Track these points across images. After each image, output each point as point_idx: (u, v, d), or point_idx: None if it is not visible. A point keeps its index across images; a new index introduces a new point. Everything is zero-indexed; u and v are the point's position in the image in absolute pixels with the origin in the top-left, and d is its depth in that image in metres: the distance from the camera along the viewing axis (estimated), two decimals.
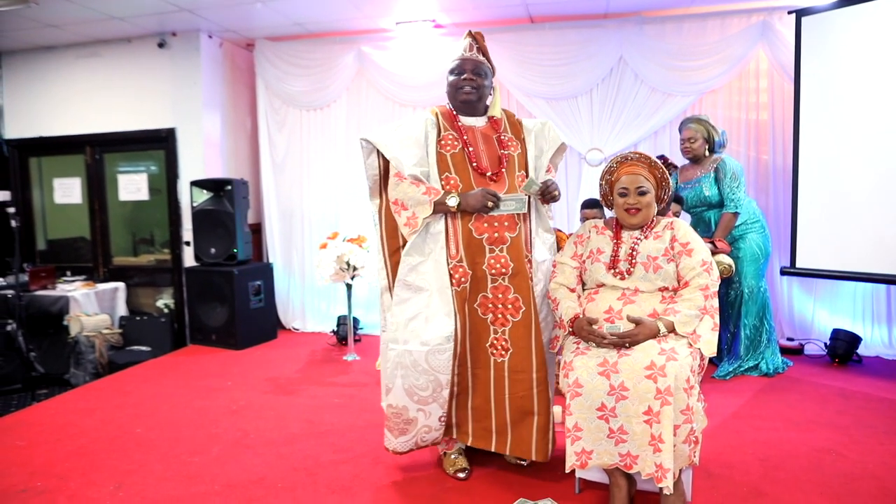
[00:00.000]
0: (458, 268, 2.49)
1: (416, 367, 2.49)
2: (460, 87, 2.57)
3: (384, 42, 5.26)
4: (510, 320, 2.52)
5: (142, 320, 5.20)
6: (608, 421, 2.18)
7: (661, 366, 2.13)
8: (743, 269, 4.03)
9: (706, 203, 4.05)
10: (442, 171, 2.51)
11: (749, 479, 2.61)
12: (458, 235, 2.49)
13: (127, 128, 5.39)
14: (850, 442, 2.97)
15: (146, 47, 5.24)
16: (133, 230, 5.91)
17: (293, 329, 5.62)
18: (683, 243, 2.41)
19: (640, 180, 2.43)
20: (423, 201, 2.44)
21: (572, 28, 4.89)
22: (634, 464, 2.16)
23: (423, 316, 2.49)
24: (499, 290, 2.51)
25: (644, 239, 2.44)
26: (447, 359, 2.48)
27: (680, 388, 2.11)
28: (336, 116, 5.45)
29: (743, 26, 4.64)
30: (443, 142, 2.53)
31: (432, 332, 2.47)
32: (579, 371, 2.23)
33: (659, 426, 2.09)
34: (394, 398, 2.54)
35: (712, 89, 4.75)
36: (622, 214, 2.48)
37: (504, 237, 2.49)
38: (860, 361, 4.29)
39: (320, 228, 5.41)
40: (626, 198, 2.45)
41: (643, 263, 2.39)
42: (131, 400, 3.77)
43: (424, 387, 2.51)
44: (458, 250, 2.49)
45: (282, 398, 3.77)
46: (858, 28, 3.94)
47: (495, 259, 2.49)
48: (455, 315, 2.48)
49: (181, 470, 2.78)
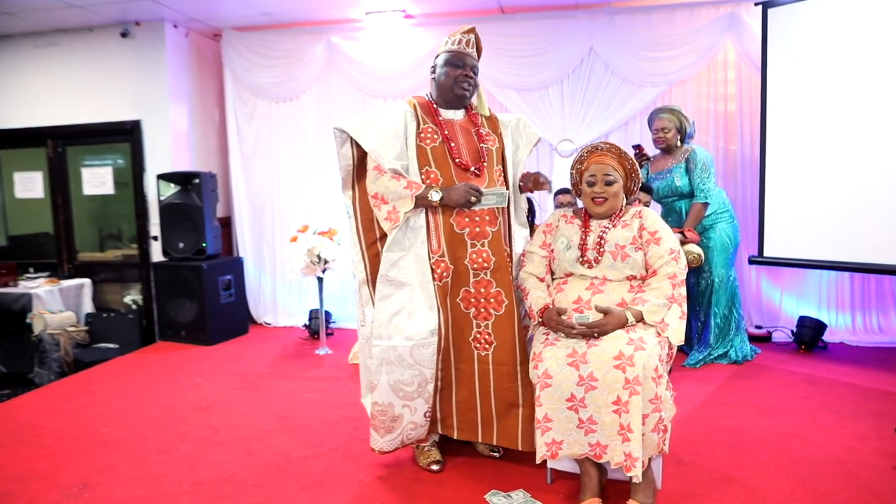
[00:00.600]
0: (439, 262, 2.47)
1: (402, 362, 2.46)
2: (459, 81, 2.53)
3: (354, 32, 5.20)
4: (493, 314, 2.52)
5: (109, 317, 5.09)
6: (577, 411, 2.19)
7: (629, 356, 2.13)
8: (713, 259, 4.07)
9: (677, 193, 4.08)
10: (422, 165, 2.48)
11: (718, 465, 2.64)
12: (440, 230, 2.47)
13: (90, 120, 5.25)
14: (815, 427, 3.02)
15: (108, 37, 5.10)
16: (99, 225, 5.78)
17: (265, 324, 5.55)
18: (651, 232, 2.41)
19: (608, 170, 2.44)
20: (405, 195, 2.40)
21: (543, 19, 4.88)
22: (604, 453, 2.17)
23: (406, 311, 2.46)
24: (481, 284, 2.51)
25: (612, 227, 2.44)
26: (431, 353, 2.47)
27: (648, 377, 2.12)
28: (306, 108, 5.37)
29: (711, 18, 4.68)
30: (422, 135, 2.50)
31: (416, 326, 2.45)
32: (549, 362, 2.23)
33: (627, 416, 2.10)
34: (379, 395, 2.51)
35: (681, 80, 4.79)
36: (589, 203, 2.48)
37: (486, 231, 2.49)
38: (825, 348, 4.38)
39: (291, 221, 5.33)
40: (594, 187, 2.45)
41: (611, 252, 2.39)
42: (97, 399, 3.68)
43: (410, 382, 2.49)
44: (440, 245, 2.47)
45: (252, 394, 3.72)
46: (823, 20, 3.99)
47: (477, 254, 2.49)
48: (438, 309, 2.47)
49: (148, 469, 2.73)
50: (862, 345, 4.47)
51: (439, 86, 2.58)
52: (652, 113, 4.24)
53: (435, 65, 2.61)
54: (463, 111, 2.63)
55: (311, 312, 5.09)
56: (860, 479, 2.49)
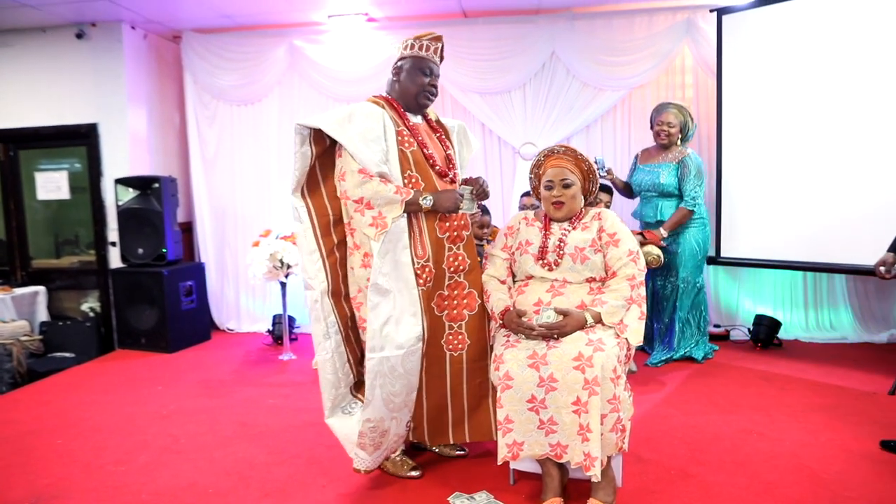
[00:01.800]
0: (425, 267, 2.45)
1: (394, 372, 2.41)
2: (426, 90, 2.51)
3: (316, 36, 5.17)
4: (466, 314, 2.55)
5: (65, 325, 4.96)
6: (538, 412, 2.21)
7: (588, 357, 2.17)
8: (682, 263, 4.12)
9: (658, 190, 4.10)
10: (404, 170, 2.42)
11: (677, 462, 2.70)
12: (425, 235, 2.45)
13: (44, 123, 5.11)
14: (770, 422, 3.11)
15: (63, 38, 4.98)
16: (55, 231, 5.62)
17: (228, 330, 5.48)
18: (611, 234, 2.45)
19: (565, 173, 2.47)
20: (394, 201, 2.34)
21: (505, 23, 4.93)
22: (564, 453, 2.20)
23: (393, 319, 2.39)
24: (454, 286, 2.54)
25: (572, 230, 2.48)
26: (418, 359, 2.46)
27: (607, 378, 2.16)
28: (268, 111, 5.32)
29: (669, 23, 4.78)
30: (399, 138, 2.44)
31: (404, 334, 2.40)
32: (509, 364, 2.25)
33: (587, 416, 2.13)
34: (373, 411, 2.42)
35: (641, 84, 4.88)
36: (548, 207, 2.51)
37: (462, 235, 2.54)
38: (780, 345, 4.50)
39: (254, 226, 5.27)
40: (552, 191, 2.48)
41: (571, 255, 2.42)
42: (52, 410, 3.59)
43: (399, 392, 2.45)
44: (426, 250, 2.46)
45: (215, 401, 3.67)
46: (775, 26, 4.13)
47: (454, 256, 2.51)
48: (422, 314, 2.44)
49: (105, 480, 2.67)
50: (814, 341, 4.61)
51: (403, 90, 2.53)
52: (659, 106, 4.22)
53: (400, 67, 2.53)
54: (420, 117, 2.63)
55: (275, 318, 5.03)
56: (811, 472, 2.57)
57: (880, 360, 4.05)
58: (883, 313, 4.66)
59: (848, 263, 3.94)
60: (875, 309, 4.66)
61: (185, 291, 4.95)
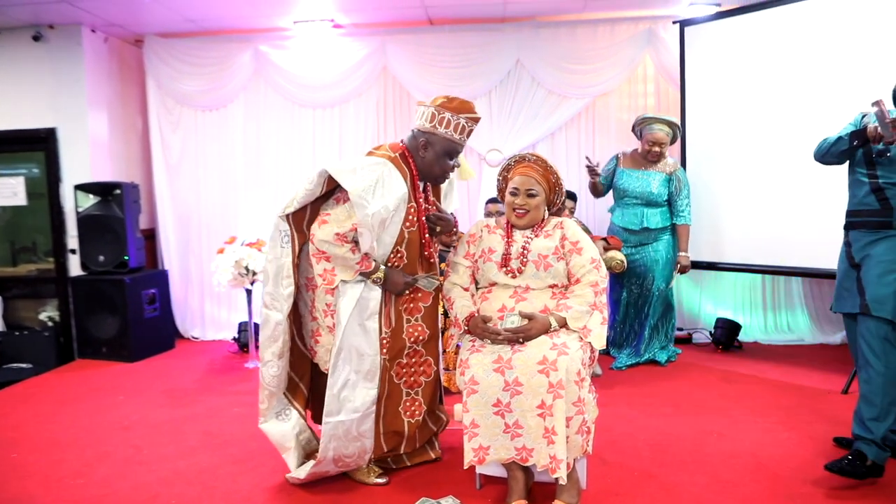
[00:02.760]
0: (390, 337, 2.53)
1: (348, 435, 2.48)
2: (448, 172, 2.56)
3: (282, 41, 5.15)
4: (423, 381, 2.64)
5: (22, 335, 4.84)
6: (504, 416, 2.24)
7: (552, 360, 2.20)
8: (656, 271, 4.16)
9: (646, 198, 4.10)
10: (397, 243, 2.48)
11: (640, 463, 2.75)
12: (391, 308, 2.53)
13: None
14: (730, 423, 3.19)
15: (19, 40, 4.85)
16: (11, 238, 5.47)
17: (192, 338, 5.39)
18: (573, 242, 2.49)
19: (531, 183, 2.49)
20: (352, 268, 2.40)
21: (470, 31, 4.97)
22: (530, 457, 2.23)
23: (350, 383, 2.47)
24: (412, 354, 2.61)
25: (535, 237, 2.51)
26: (372, 422, 2.52)
27: (571, 381, 2.19)
28: (234, 117, 5.28)
29: (631, 33, 4.89)
30: (407, 216, 2.48)
31: (360, 398, 2.47)
32: (475, 368, 2.27)
33: (552, 419, 2.17)
34: (321, 467, 2.53)
35: (604, 92, 4.97)
36: (510, 214, 2.54)
37: (419, 306, 2.59)
38: (741, 347, 4.62)
39: (219, 233, 5.20)
40: (516, 198, 2.51)
41: (534, 262, 2.45)
42: (7, 422, 3.48)
43: (352, 455, 2.54)
44: (391, 322, 2.53)
45: (178, 410, 3.61)
46: (735, 38, 4.25)
47: (413, 328, 2.58)
48: (378, 380, 2.50)
49: (63, 494, 2.60)
50: (773, 343, 4.75)
51: (426, 167, 2.51)
52: (646, 119, 4.11)
53: (428, 142, 2.47)
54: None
55: (241, 325, 4.98)
56: (768, 470, 2.65)
57: (835, 361, 4.19)
58: (837, 315, 4.77)
59: (804, 267, 4.06)
60: (830, 311, 4.80)
61: (148, 299, 4.86)
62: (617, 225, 4.24)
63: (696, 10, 4.62)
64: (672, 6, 4.68)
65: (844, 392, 3.57)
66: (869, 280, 2.54)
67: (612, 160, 4.30)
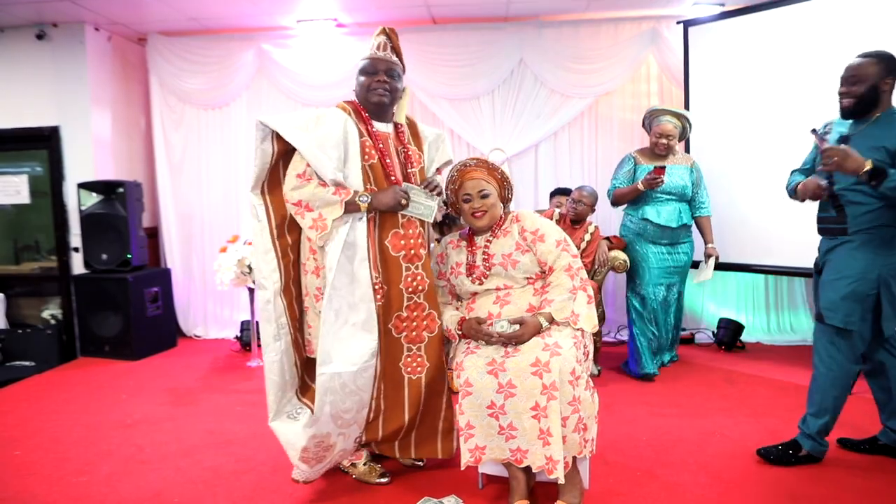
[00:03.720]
0: (380, 284, 2.41)
1: (345, 388, 2.36)
2: (373, 88, 2.41)
3: (285, 40, 5.15)
4: (426, 336, 2.50)
5: (25, 333, 4.84)
6: (498, 418, 2.24)
7: (545, 362, 2.19)
8: (687, 272, 4.10)
9: (680, 193, 3.93)
10: (364, 183, 2.38)
11: (642, 463, 2.74)
12: (376, 254, 2.40)
13: (3, 125, 4.97)
14: (732, 423, 3.18)
15: (23, 39, 4.86)
16: (14, 236, 5.48)
17: (195, 336, 5.40)
18: (533, 231, 2.48)
19: (481, 184, 2.49)
20: (333, 202, 2.29)
21: (473, 30, 4.97)
22: (525, 458, 2.23)
23: (347, 335, 2.36)
24: (413, 308, 2.48)
25: (494, 239, 2.51)
26: (370, 376, 2.42)
27: (565, 381, 2.18)
28: (236, 116, 5.28)
29: (635, 33, 4.88)
30: (362, 149, 2.39)
31: (357, 350, 2.36)
32: (469, 371, 2.28)
33: (547, 420, 2.16)
34: (320, 427, 2.39)
35: (607, 91, 4.96)
36: (470, 220, 2.53)
37: (419, 254, 2.47)
38: (743, 347, 4.61)
39: (221, 231, 5.21)
40: (471, 203, 2.50)
41: (500, 264, 2.46)
42: (10, 420, 3.49)
43: (350, 409, 2.41)
44: (378, 269, 2.40)
45: (181, 409, 3.62)
46: (739, 38, 4.24)
47: (412, 277, 2.45)
48: (378, 330, 2.40)
49: (66, 492, 2.61)
50: (776, 343, 4.74)
51: (358, 96, 2.50)
52: (652, 112, 4.00)
53: (356, 73, 2.50)
54: (391, 124, 2.55)
55: (243, 324, 4.98)
56: (772, 471, 2.64)
57: None
58: None
59: (807, 267, 4.02)
60: None
61: (151, 298, 4.87)
62: (653, 223, 3.90)
63: (699, 9, 4.61)
64: (676, 6, 4.67)
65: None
66: (823, 286, 2.62)
67: (629, 161, 4.03)
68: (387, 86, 2.43)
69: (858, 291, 2.49)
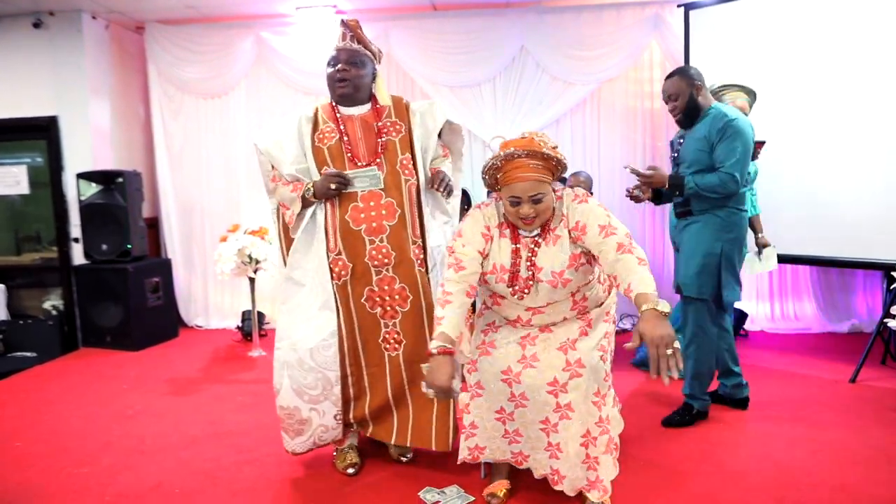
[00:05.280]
0: (337, 261, 2.45)
1: (302, 365, 2.44)
2: (335, 78, 2.49)
3: (284, 28, 5.10)
4: (399, 311, 2.48)
5: (26, 324, 4.83)
6: (505, 423, 2.20)
7: (563, 383, 2.09)
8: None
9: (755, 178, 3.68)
10: (320, 165, 2.46)
11: (645, 452, 2.73)
12: (336, 228, 2.44)
13: (1, 115, 4.94)
14: (736, 412, 3.16)
15: (19, 27, 4.82)
16: (15, 227, 5.47)
17: (196, 326, 5.39)
18: (575, 226, 2.10)
19: (534, 187, 2.02)
20: (294, 198, 2.46)
21: (474, 16, 4.91)
22: (525, 461, 2.22)
23: (305, 312, 2.45)
24: (384, 281, 2.46)
25: (544, 244, 2.13)
26: (333, 354, 2.45)
27: (589, 401, 2.09)
28: (236, 104, 5.25)
29: (637, 18, 4.81)
30: (320, 135, 2.48)
31: (315, 327, 2.43)
32: (483, 375, 2.19)
33: (557, 436, 2.11)
34: (282, 399, 2.49)
35: (609, 78, 4.91)
36: (517, 222, 2.12)
37: (382, 226, 2.43)
38: (747, 336, 4.59)
39: (222, 221, 5.17)
40: (519, 207, 2.05)
41: (549, 282, 2.11)
42: (11, 411, 3.49)
43: (313, 385, 2.46)
44: (337, 243, 2.45)
45: (182, 399, 3.61)
46: (740, 21, 4.18)
47: (377, 250, 2.43)
48: (338, 309, 2.45)
49: (66, 483, 2.60)
50: (780, 332, 4.71)
51: (328, 86, 2.56)
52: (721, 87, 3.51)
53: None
54: (368, 106, 2.56)
55: (244, 314, 4.97)
56: (775, 460, 2.62)
57: (842, 350, 4.15)
58: (844, 304, 4.76)
59: (810, 255, 4.02)
60: (837, 300, 4.77)
61: (151, 288, 4.86)
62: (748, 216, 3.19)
63: None
64: None
65: (852, 381, 3.54)
66: (681, 263, 3.04)
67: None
68: (347, 73, 2.48)
69: (708, 265, 2.90)
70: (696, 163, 2.90)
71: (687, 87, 2.91)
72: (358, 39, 2.53)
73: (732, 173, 2.80)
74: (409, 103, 2.65)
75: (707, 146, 2.86)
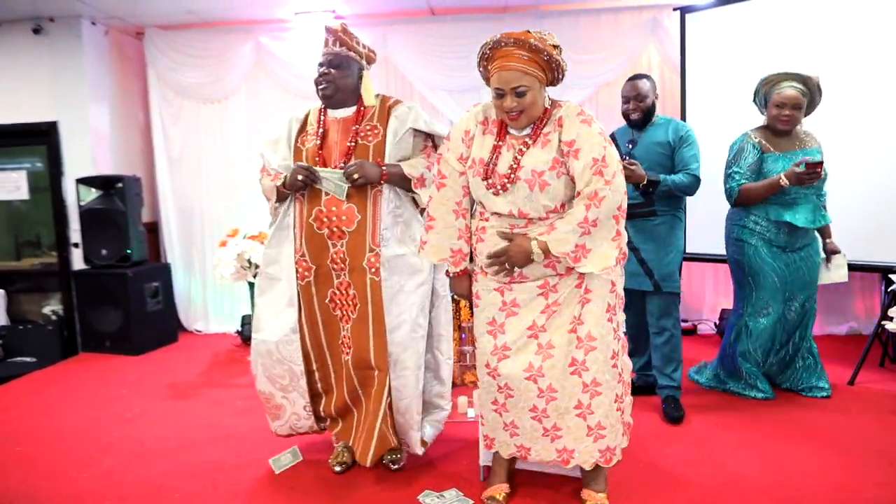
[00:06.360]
0: (301, 262, 2.53)
1: (271, 356, 2.57)
2: (318, 83, 2.55)
3: (283, 33, 5.12)
4: (350, 317, 2.54)
5: (25, 329, 4.84)
6: (541, 421, 2.19)
7: (581, 361, 2.11)
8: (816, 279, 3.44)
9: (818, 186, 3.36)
10: (296, 158, 2.57)
11: (645, 454, 2.73)
12: (302, 230, 2.51)
13: (1, 121, 4.95)
14: (736, 415, 3.16)
15: (19, 33, 4.83)
16: (15, 232, 5.48)
17: (195, 331, 5.39)
18: (569, 142, 1.98)
19: (516, 77, 1.94)
20: (272, 188, 2.56)
21: (473, 21, 4.93)
22: (571, 458, 2.19)
23: (274, 307, 2.57)
24: (343, 285, 2.53)
25: (532, 145, 2.03)
26: (296, 349, 2.55)
27: (608, 369, 2.15)
28: (235, 109, 5.26)
29: (635, 22, 4.84)
30: (303, 137, 2.58)
31: (280, 322, 2.55)
32: (507, 379, 2.17)
33: (594, 416, 2.13)
34: (259, 384, 2.66)
35: (608, 82, 4.93)
36: (502, 115, 2.05)
37: (342, 231, 2.46)
38: None
39: (222, 226, 5.19)
40: (503, 100, 1.98)
41: (527, 180, 2.01)
42: (11, 416, 3.49)
43: (282, 375, 2.60)
44: (301, 245, 2.52)
45: (182, 403, 3.61)
46: (736, 25, 4.21)
47: (336, 254, 2.50)
48: (299, 308, 2.53)
49: (67, 487, 2.61)
50: None
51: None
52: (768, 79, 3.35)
53: None
54: (354, 108, 2.57)
55: (244, 318, 4.97)
56: (775, 462, 2.63)
57: (840, 352, 4.16)
58: (842, 306, 4.77)
59: None
60: (835, 302, 4.77)
61: (151, 292, 4.87)
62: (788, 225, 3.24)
63: None
64: None
65: (850, 383, 3.55)
66: (654, 262, 3.14)
67: (750, 147, 3.29)
68: (328, 77, 2.53)
69: (679, 261, 3.18)
70: (656, 165, 3.13)
71: (653, 92, 3.18)
72: (341, 42, 2.57)
73: (698, 175, 3.15)
74: (395, 106, 2.58)
75: (669, 150, 3.15)
